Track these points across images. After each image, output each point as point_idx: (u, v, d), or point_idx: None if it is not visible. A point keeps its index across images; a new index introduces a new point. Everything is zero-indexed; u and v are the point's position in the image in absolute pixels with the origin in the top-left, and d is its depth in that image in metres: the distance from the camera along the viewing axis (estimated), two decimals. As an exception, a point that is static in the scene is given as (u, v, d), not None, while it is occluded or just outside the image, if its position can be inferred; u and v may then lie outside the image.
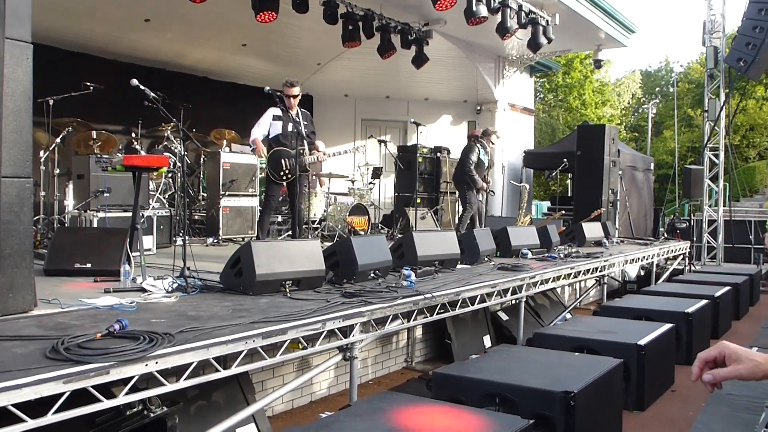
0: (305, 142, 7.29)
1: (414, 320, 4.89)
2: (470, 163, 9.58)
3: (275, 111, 7.34)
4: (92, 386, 2.73)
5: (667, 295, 8.23)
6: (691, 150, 27.74)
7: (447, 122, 15.30)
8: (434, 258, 6.40)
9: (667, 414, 5.31)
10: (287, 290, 4.69)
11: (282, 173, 7.22)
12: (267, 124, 7.33)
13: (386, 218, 12.08)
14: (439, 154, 12.18)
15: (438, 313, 5.13)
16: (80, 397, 2.73)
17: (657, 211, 16.53)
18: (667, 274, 11.90)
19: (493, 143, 9.98)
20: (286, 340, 3.68)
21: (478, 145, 9.79)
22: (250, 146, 7.56)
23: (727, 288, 8.92)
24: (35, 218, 7.54)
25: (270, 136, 7.33)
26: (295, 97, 7.26)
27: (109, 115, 10.09)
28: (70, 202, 7.76)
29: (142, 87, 5.07)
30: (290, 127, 7.26)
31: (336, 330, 4.04)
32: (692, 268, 12.86)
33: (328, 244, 6.14)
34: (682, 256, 12.61)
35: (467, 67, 13.58)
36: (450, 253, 6.67)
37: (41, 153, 8.06)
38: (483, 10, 9.38)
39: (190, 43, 11.36)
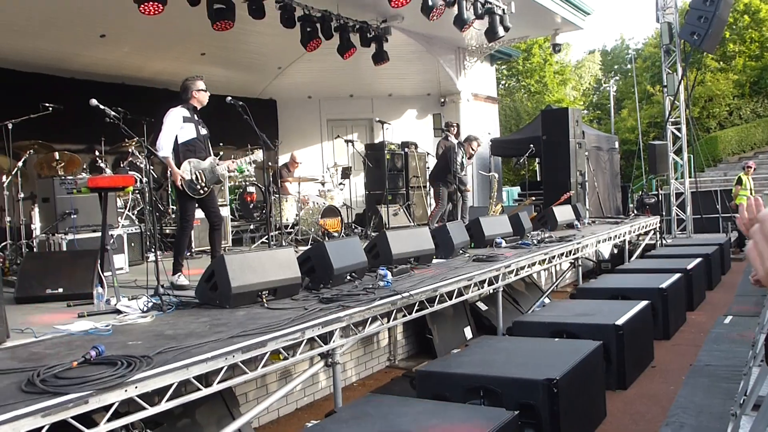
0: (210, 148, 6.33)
1: (393, 320, 4.90)
2: (457, 165, 9.72)
3: (183, 111, 5.99)
4: (72, 417, 2.69)
5: (641, 272, 8.36)
6: (653, 125, 28.12)
7: (412, 116, 15.32)
8: (409, 255, 6.41)
9: (649, 390, 5.40)
10: (264, 300, 4.67)
11: (200, 187, 6.05)
12: (176, 130, 5.95)
13: (359, 217, 12.06)
14: (407, 149, 12.19)
15: (417, 311, 5.14)
16: (60, 429, 2.69)
17: (625, 188, 16.76)
18: (639, 250, 12.08)
19: (473, 150, 10.12)
20: (266, 352, 3.66)
21: (461, 150, 9.92)
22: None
23: (699, 259, 9.10)
24: (2, 244, 7.39)
25: (179, 142, 5.98)
26: (206, 90, 6.16)
27: (71, 135, 9.90)
28: (37, 226, 7.60)
29: (101, 106, 5.00)
30: (201, 130, 6.13)
31: (316, 337, 4.03)
32: (664, 242, 13.06)
33: (303, 248, 6.11)
34: (653, 231, 12.80)
35: (428, 61, 13.60)
36: (424, 248, 6.69)
37: (3, 178, 7.88)
38: (439, 2, 9.40)
39: (148, 55, 11.20)
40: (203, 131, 6.18)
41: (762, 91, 30.40)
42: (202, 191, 6.10)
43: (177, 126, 5.95)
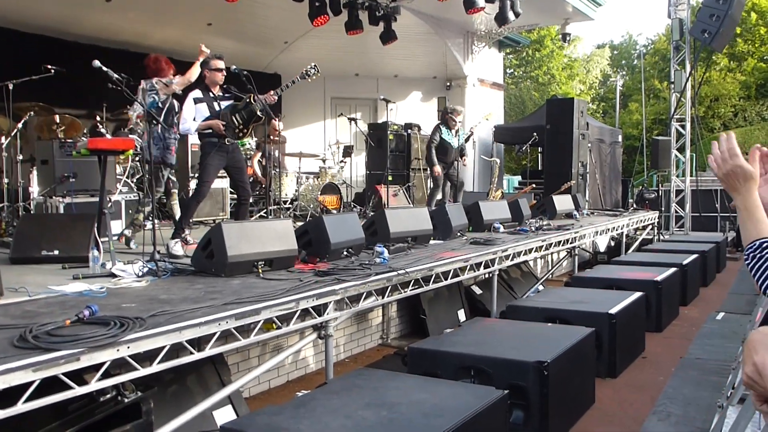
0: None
1: (388, 296, 4.90)
2: (433, 142, 9.16)
3: (195, 93, 6.22)
4: (63, 373, 2.70)
5: (636, 265, 8.36)
6: (658, 122, 28.03)
7: (417, 99, 15.26)
8: (407, 234, 6.39)
9: (638, 380, 5.42)
10: (260, 271, 4.67)
11: (237, 130, 6.25)
12: (192, 113, 6.17)
13: (359, 196, 12.05)
14: (409, 130, 12.15)
15: (412, 289, 5.15)
16: (51, 385, 2.69)
17: (626, 182, 16.71)
18: (636, 244, 12.08)
19: (455, 120, 9.26)
20: (259, 321, 3.66)
21: (443, 126, 9.30)
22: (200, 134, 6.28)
23: (695, 256, 9.09)
24: (-1, 206, 7.38)
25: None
26: (220, 70, 6.26)
27: (73, 99, 9.84)
28: (35, 189, 7.58)
29: (104, 68, 4.96)
30: (216, 107, 6.23)
31: (310, 309, 4.03)
32: (661, 237, 13.06)
33: (300, 224, 6.10)
34: (650, 226, 12.80)
35: (436, 43, 13.52)
36: (423, 229, 6.67)
37: (2, 139, 7.84)
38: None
39: (153, 23, 11.13)
40: (222, 104, 6.28)
41: (769, 94, 30.28)
42: (241, 134, 6.30)
43: (191, 110, 6.19)
